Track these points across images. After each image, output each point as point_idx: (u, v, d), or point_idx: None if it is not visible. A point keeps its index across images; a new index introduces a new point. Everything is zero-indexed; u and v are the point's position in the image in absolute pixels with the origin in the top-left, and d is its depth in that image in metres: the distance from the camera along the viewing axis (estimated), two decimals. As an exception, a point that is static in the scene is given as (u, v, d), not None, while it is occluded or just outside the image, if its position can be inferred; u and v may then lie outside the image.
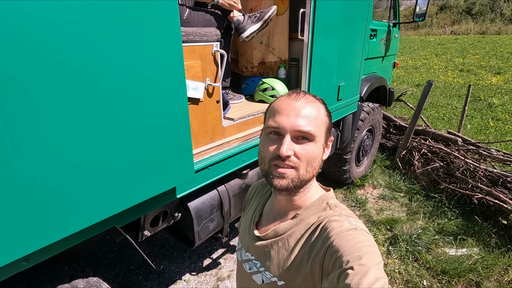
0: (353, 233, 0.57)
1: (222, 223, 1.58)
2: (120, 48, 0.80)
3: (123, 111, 0.84)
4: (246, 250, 0.78)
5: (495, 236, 2.41)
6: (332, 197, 0.72)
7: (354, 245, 0.54)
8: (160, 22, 0.86)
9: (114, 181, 0.87)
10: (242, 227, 0.85)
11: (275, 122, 0.64)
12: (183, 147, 1.05)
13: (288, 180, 0.64)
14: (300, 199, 0.70)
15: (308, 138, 0.63)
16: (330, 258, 0.56)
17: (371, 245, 0.55)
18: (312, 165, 0.64)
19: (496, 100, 6.22)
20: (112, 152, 0.84)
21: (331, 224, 0.62)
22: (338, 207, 0.68)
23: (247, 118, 1.62)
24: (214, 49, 1.29)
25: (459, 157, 3.03)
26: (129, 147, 0.88)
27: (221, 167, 1.40)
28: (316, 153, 0.65)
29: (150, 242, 2.61)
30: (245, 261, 0.77)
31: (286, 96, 0.68)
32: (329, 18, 1.82)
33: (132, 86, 0.85)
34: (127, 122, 0.85)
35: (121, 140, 0.85)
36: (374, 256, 0.52)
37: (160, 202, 1.15)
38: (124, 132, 0.85)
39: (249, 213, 0.84)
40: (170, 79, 0.94)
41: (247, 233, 0.79)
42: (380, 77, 3.26)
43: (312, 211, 0.68)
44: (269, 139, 0.66)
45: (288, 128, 0.63)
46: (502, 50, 13.26)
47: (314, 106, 0.65)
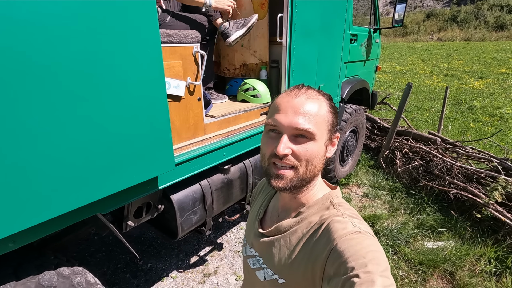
0: (358, 237, 0.55)
1: (205, 216, 1.65)
2: (103, 46, 0.88)
3: (104, 103, 0.92)
4: (251, 246, 0.77)
5: (469, 229, 2.53)
6: (337, 196, 0.70)
7: (359, 250, 0.52)
8: (138, 22, 0.95)
9: (95, 167, 0.94)
10: (248, 223, 0.85)
11: (273, 120, 0.63)
12: (163, 139, 1.13)
13: (286, 181, 0.62)
14: (304, 197, 0.69)
15: (307, 137, 0.61)
16: (333, 262, 0.54)
17: (377, 249, 0.53)
18: (312, 163, 0.62)
19: (478, 103, 6.46)
20: (93, 141, 0.92)
21: (334, 225, 0.60)
22: (342, 207, 0.66)
23: (228, 116, 1.71)
24: (194, 50, 1.39)
25: (437, 155, 3.17)
26: (110, 137, 0.95)
27: (202, 161, 1.48)
28: (316, 152, 0.62)
29: (138, 241, 2.65)
30: (249, 257, 0.77)
31: (287, 92, 0.66)
32: (307, 22, 1.94)
33: (114, 80, 0.93)
34: (108, 113, 0.93)
35: (102, 130, 0.93)
36: (381, 262, 0.50)
37: (142, 192, 1.22)
38: (105, 123, 0.93)
39: (254, 209, 0.84)
40: (150, 75, 1.02)
41: (252, 229, 0.79)
42: (362, 80, 3.41)
43: (316, 209, 0.67)
44: (269, 136, 0.65)
45: (285, 126, 0.61)
46: (485, 56, 13.74)
47: (315, 102, 0.63)
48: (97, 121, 0.91)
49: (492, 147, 4.09)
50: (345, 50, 2.79)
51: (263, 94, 1.96)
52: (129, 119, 0.99)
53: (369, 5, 3.58)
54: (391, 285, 0.47)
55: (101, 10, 0.85)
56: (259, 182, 0.97)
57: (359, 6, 3.83)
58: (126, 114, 0.98)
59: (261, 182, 0.93)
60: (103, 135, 0.93)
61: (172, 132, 1.40)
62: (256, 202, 0.87)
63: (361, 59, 3.42)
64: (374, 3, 3.56)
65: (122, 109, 0.97)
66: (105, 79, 0.91)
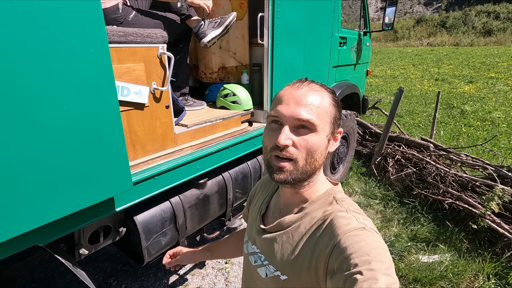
0: (362, 233, 0.54)
1: (177, 237, 1.48)
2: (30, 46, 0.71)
3: (33, 113, 0.75)
4: (252, 242, 0.76)
5: (466, 241, 2.40)
6: (340, 191, 0.69)
7: (363, 247, 0.51)
8: (77, 17, 0.79)
9: (22, 193, 0.76)
10: (250, 219, 0.84)
11: (275, 111, 0.63)
12: (115, 155, 0.96)
13: (286, 173, 0.62)
14: (306, 192, 0.68)
15: (309, 128, 0.61)
16: (336, 258, 0.53)
17: (381, 247, 0.51)
18: (312, 156, 0.61)
19: (469, 107, 6.43)
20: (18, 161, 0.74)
21: (338, 220, 0.59)
22: (345, 202, 0.65)
23: (203, 124, 1.54)
24: (160, 51, 1.22)
25: (430, 162, 3.05)
26: (41, 154, 0.78)
27: (170, 177, 1.31)
28: (317, 144, 0.61)
29: (113, 258, 2.45)
30: (251, 254, 0.76)
31: (290, 85, 0.66)
32: (290, 23, 1.80)
33: (45, 86, 0.76)
34: (36, 125, 0.76)
35: (28, 147, 0.75)
36: (384, 260, 0.49)
37: (94, 216, 1.04)
38: (32, 138, 0.75)
39: (256, 206, 0.82)
40: (94, 80, 0.85)
41: (254, 225, 0.78)
42: (352, 84, 3.29)
43: (318, 205, 0.66)
44: (270, 128, 0.65)
45: (287, 117, 0.61)
46: (474, 61, 13.92)
47: (317, 94, 0.63)
48: (19, 136, 0.73)
49: (485, 153, 4.01)
50: (334, 54, 2.66)
51: (244, 100, 1.80)
52: (66, 132, 0.82)
53: (359, 8, 3.48)
54: (394, 283, 0.46)
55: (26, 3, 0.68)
56: (258, 181, 0.93)
57: (349, 8, 3.74)
58: (62, 126, 0.80)
59: (261, 180, 0.91)
60: (32, 154, 0.76)
61: (135, 144, 1.23)
62: (257, 199, 0.86)
63: (351, 63, 3.30)
64: (364, 5, 3.46)
65: (57, 120, 0.79)
66: (31, 85, 0.73)
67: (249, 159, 1.89)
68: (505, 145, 4.39)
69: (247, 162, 1.87)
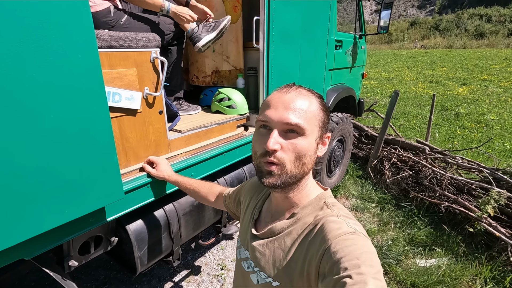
0: (352, 238, 0.55)
1: (171, 245, 1.44)
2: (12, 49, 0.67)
3: (17, 121, 0.71)
4: (246, 248, 0.76)
5: (462, 244, 2.39)
6: (330, 196, 0.70)
7: (352, 251, 0.51)
8: (63, 21, 0.75)
9: (6, 205, 0.72)
10: (243, 224, 0.83)
11: (263, 115, 0.64)
12: (105, 164, 0.92)
13: (275, 177, 0.62)
14: (296, 197, 0.68)
15: (298, 132, 0.61)
16: (327, 262, 0.54)
17: (370, 251, 0.52)
18: (301, 160, 0.62)
19: (463, 109, 6.48)
20: (1, 171, 0.70)
21: (329, 225, 0.59)
22: (336, 206, 0.66)
23: (198, 130, 1.51)
24: (152, 56, 1.19)
25: (426, 165, 3.05)
26: (26, 164, 0.74)
27: (164, 184, 1.27)
28: (306, 148, 0.61)
29: (107, 266, 2.39)
30: (244, 260, 0.76)
31: (278, 90, 0.67)
32: (286, 26, 1.78)
33: (29, 94, 0.72)
34: (21, 134, 0.72)
35: (13, 157, 0.71)
36: (374, 264, 0.49)
37: (84, 227, 1.00)
38: (16, 147, 0.72)
39: (248, 210, 0.82)
40: (82, 87, 0.82)
41: (246, 231, 0.78)
42: (348, 87, 3.28)
43: (309, 210, 0.66)
44: (259, 133, 0.65)
45: (275, 121, 0.61)
46: (467, 63, 14.09)
47: (305, 99, 0.63)
48: (2, 146, 0.69)
49: (480, 155, 4.03)
50: (330, 57, 2.65)
51: (239, 104, 1.78)
52: (52, 141, 0.78)
53: (354, 11, 3.48)
54: (383, 287, 0.46)
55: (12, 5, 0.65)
56: (249, 181, 0.91)
57: (344, 12, 3.74)
58: (47, 136, 0.77)
59: (252, 182, 0.90)
60: (14, 163, 0.72)
61: (128, 151, 1.19)
62: (247, 201, 0.85)
63: (347, 66, 3.30)
64: (359, 9, 3.47)
65: (42, 129, 0.75)
66: (15, 92, 0.70)
67: (245, 164, 1.87)
68: (499, 147, 4.43)
69: (243, 167, 1.85)
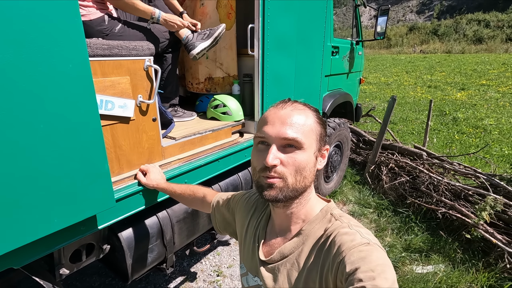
0: (367, 249, 0.54)
1: (164, 253, 1.43)
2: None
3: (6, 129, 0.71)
4: (255, 275, 0.74)
5: (459, 251, 2.38)
6: (335, 208, 0.69)
7: (368, 263, 0.51)
8: (54, 31, 0.76)
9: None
10: (245, 248, 0.79)
11: (261, 132, 0.64)
12: (96, 172, 0.92)
13: (276, 190, 0.62)
14: (300, 212, 0.68)
15: (296, 146, 0.62)
16: (342, 274, 0.53)
17: (385, 263, 0.52)
18: (301, 173, 0.62)
19: (461, 115, 6.49)
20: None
21: (342, 237, 0.58)
22: (344, 217, 0.65)
23: (192, 137, 1.51)
24: (146, 64, 1.20)
25: (423, 171, 3.05)
26: (15, 172, 0.74)
27: (156, 192, 1.27)
28: (305, 161, 0.62)
29: (102, 272, 2.38)
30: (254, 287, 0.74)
31: (274, 106, 0.68)
32: (281, 33, 1.79)
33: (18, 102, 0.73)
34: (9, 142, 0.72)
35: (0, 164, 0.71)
36: (388, 276, 0.49)
37: (75, 235, 1.00)
38: (5, 155, 0.72)
39: (249, 232, 0.79)
40: (72, 96, 0.83)
41: (252, 256, 0.75)
42: (345, 93, 3.30)
43: (317, 224, 0.66)
44: (258, 149, 0.66)
45: (273, 136, 0.62)
46: (465, 68, 14.15)
47: (301, 114, 0.64)
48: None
49: (477, 160, 4.03)
50: (326, 63, 2.67)
51: (235, 111, 1.78)
52: (42, 149, 0.78)
53: (351, 18, 3.51)
54: None
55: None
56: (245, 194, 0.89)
57: (341, 18, 3.77)
58: (37, 143, 0.77)
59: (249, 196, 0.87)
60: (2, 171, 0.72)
61: (120, 159, 1.20)
62: (248, 221, 0.82)
63: (344, 72, 3.32)
64: (356, 15, 3.50)
65: (32, 137, 0.76)
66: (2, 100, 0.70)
67: (240, 170, 1.86)
68: (497, 152, 4.43)
69: (238, 173, 1.84)
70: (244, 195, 0.90)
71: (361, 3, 3.49)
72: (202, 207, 1.06)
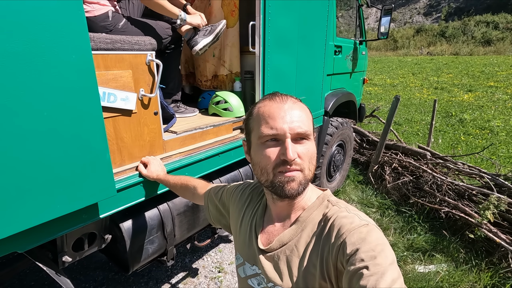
0: (366, 230, 0.56)
1: (165, 245, 1.46)
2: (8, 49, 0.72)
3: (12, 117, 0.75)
4: (253, 263, 0.74)
5: (462, 250, 2.36)
6: (331, 195, 0.71)
7: (368, 243, 0.52)
8: (59, 24, 0.79)
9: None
10: (240, 238, 0.80)
11: (271, 129, 0.63)
12: (97, 162, 0.95)
13: (297, 183, 0.63)
14: (302, 200, 0.69)
15: (305, 138, 0.64)
16: (343, 255, 0.54)
17: (384, 242, 0.54)
18: (312, 163, 0.65)
19: (468, 116, 6.42)
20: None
21: (341, 220, 0.60)
22: (341, 203, 0.67)
23: (193, 131, 1.54)
24: (148, 59, 1.23)
25: (427, 170, 3.03)
26: (19, 159, 0.78)
27: (156, 184, 1.30)
28: (314, 151, 0.66)
29: (105, 267, 2.42)
30: (252, 276, 0.74)
31: (269, 101, 0.66)
32: (282, 31, 1.81)
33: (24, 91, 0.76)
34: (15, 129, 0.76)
35: (5, 151, 0.75)
36: (388, 255, 0.51)
37: (77, 223, 1.03)
38: (10, 142, 0.75)
39: (245, 222, 0.79)
40: (75, 87, 0.86)
41: (249, 245, 0.75)
42: (348, 92, 3.30)
43: (315, 211, 0.67)
44: (267, 147, 0.64)
45: (287, 132, 0.62)
46: (473, 70, 13.98)
47: (300, 105, 0.67)
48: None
49: (483, 161, 3.99)
50: (329, 62, 2.68)
51: (236, 107, 1.81)
52: (45, 137, 0.81)
53: (355, 17, 3.52)
54: (399, 276, 0.48)
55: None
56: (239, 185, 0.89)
57: (345, 18, 3.78)
58: (41, 132, 0.80)
59: (244, 186, 0.87)
60: (7, 158, 0.75)
61: (122, 150, 1.23)
62: (243, 212, 0.82)
63: (347, 71, 3.32)
64: (360, 15, 3.50)
65: (36, 125, 0.79)
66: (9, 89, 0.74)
67: (241, 166, 1.89)
68: (504, 153, 4.37)
69: (239, 169, 1.87)
70: (238, 187, 0.90)
71: (364, 3, 3.49)
72: (193, 198, 1.08)
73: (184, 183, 1.10)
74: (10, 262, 1.35)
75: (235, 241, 0.84)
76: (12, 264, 1.37)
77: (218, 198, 0.94)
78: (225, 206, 0.91)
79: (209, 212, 0.99)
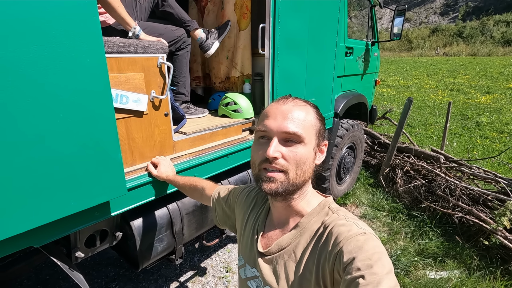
0: (363, 238, 0.55)
1: (174, 244, 1.49)
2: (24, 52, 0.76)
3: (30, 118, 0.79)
4: (252, 266, 0.75)
5: (476, 257, 2.29)
6: (332, 202, 0.70)
7: (364, 252, 0.52)
8: (75, 29, 0.83)
9: (17, 195, 0.80)
10: (243, 240, 0.81)
11: (262, 125, 0.66)
12: (110, 161, 0.99)
13: (277, 183, 0.63)
14: (299, 205, 0.68)
15: (296, 141, 0.63)
16: (340, 263, 0.54)
17: (381, 251, 0.53)
18: (301, 168, 0.63)
19: (485, 119, 6.23)
20: (13, 164, 0.78)
21: (339, 228, 0.60)
22: (341, 211, 0.66)
23: (203, 132, 1.57)
24: (159, 61, 1.27)
25: (440, 174, 2.96)
26: (36, 158, 0.81)
27: (166, 184, 1.33)
28: (305, 156, 0.63)
29: (116, 263, 2.48)
30: (251, 278, 0.75)
31: (275, 101, 0.69)
32: (292, 33, 1.82)
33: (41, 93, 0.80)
34: (32, 129, 0.79)
35: (23, 150, 0.79)
36: (385, 264, 0.50)
37: (90, 220, 1.07)
38: (27, 141, 0.79)
39: (249, 225, 0.80)
40: (90, 89, 0.89)
41: (251, 248, 0.76)
42: (359, 94, 3.26)
43: (315, 217, 0.67)
44: (259, 143, 0.67)
45: (274, 130, 0.63)
46: (492, 71, 13.53)
47: (302, 109, 0.66)
48: (14, 140, 0.77)
49: (500, 166, 3.86)
50: (339, 64, 2.66)
51: (245, 109, 1.82)
52: (61, 137, 0.85)
53: (367, 18, 3.48)
54: (396, 286, 0.47)
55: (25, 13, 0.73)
56: (245, 188, 0.90)
57: (357, 19, 3.75)
58: (56, 132, 0.84)
59: (249, 189, 0.89)
60: (25, 157, 0.79)
61: (134, 151, 1.26)
62: (247, 215, 0.83)
63: (358, 73, 3.29)
64: (372, 16, 3.46)
65: (52, 126, 0.83)
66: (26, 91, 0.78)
67: (249, 167, 1.90)
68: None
69: (248, 170, 1.88)
70: (244, 189, 0.91)
71: (376, 4, 3.45)
72: (201, 199, 1.10)
73: (192, 184, 1.12)
74: (26, 256, 1.41)
75: (239, 242, 0.86)
76: (28, 258, 1.42)
77: (224, 200, 0.96)
78: (231, 207, 0.93)
79: (215, 213, 1.00)
